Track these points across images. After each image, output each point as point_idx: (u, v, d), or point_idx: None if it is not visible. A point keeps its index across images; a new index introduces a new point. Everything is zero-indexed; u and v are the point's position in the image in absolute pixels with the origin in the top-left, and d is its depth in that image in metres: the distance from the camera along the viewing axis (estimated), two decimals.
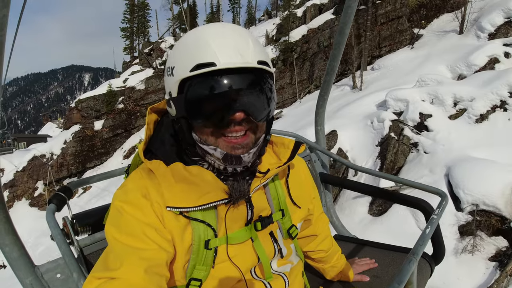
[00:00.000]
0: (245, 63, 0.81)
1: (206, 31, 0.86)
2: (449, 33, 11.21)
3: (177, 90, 0.85)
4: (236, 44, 0.82)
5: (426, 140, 5.01)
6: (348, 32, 1.65)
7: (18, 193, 17.04)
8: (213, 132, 0.86)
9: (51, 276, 1.11)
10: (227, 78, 0.80)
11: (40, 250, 11.23)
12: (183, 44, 0.88)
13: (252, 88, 0.84)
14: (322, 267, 1.42)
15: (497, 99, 5.24)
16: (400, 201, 1.76)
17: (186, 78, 0.82)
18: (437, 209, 1.25)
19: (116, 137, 18.28)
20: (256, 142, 0.91)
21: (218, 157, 0.87)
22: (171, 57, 0.91)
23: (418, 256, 0.96)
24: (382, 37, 12.22)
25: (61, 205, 1.18)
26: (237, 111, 0.82)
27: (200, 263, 0.90)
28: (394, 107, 5.78)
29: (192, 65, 0.80)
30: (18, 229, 1.01)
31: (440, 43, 10.42)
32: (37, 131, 42.09)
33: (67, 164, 17.39)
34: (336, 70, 1.86)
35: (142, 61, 21.12)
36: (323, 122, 2.17)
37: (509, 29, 9.75)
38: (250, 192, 0.92)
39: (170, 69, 0.88)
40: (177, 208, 0.86)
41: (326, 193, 2.15)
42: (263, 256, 0.98)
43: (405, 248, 1.65)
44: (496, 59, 7.71)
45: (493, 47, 8.03)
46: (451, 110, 5.39)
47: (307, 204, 1.16)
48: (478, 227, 3.68)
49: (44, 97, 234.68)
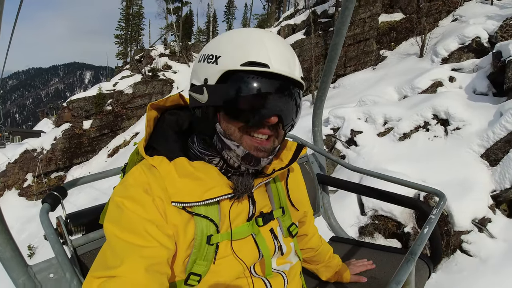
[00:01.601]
0: (292, 74, 0.84)
1: (261, 33, 0.87)
2: (411, 56, 11.59)
3: (217, 79, 0.84)
4: (287, 55, 0.85)
5: (352, 153, 5.56)
6: (345, 33, 1.61)
7: (8, 183, 17.42)
8: (241, 128, 0.85)
9: (44, 276, 1.05)
10: (275, 82, 0.82)
11: (24, 236, 11.86)
12: (236, 38, 0.87)
13: (291, 97, 0.86)
14: (316, 268, 1.39)
15: (421, 120, 5.79)
16: (397, 202, 1.70)
17: (233, 70, 0.82)
18: (435, 209, 1.20)
19: (102, 137, 18.63)
20: (275, 148, 0.92)
21: (239, 154, 0.86)
22: (216, 45, 0.89)
23: (416, 256, 0.94)
24: (348, 57, 12.61)
25: (55, 204, 1.13)
26: (273, 115, 0.84)
27: (201, 258, 0.87)
28: (334, 124, 6.32)
29: (245, 60, 0.81)
30: (7, 216, 0.97)
31: (399, 65, 10.87)
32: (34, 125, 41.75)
33: (55, 159, 17.74)
34: (333, 72, 1.81)
35: (132, 67, 21.53)
36: (321, 123, 2.13)
37: (462, 54, 10.10)
38: (253, 188, 0.92)
39: (213, 57, 0.85)
40: (181, 203, 0.84)
41: (324, 195, 2.08)
42: (265, 251, 0.95)
43: (403, 250, 1.63)
44: (440, 82, 7.98)
45: (440, 71, 8.31)
46: (381, 128, 5.94)
47: (304, 207, 1.16)
48: (376, 230, 4.23)
49: (44, 93, 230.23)
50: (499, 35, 9.88)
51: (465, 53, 10.12)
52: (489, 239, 4.22)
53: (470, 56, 9.97)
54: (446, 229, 4.06)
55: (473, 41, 10.12)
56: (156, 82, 19.34)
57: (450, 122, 5.63)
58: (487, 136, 5.17)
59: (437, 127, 5.68)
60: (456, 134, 5.48)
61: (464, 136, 5.39)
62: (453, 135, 5.49)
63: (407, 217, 4.18)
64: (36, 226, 11.55)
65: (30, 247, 10.95)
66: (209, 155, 0.91)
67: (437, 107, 5.76)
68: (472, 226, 4.25)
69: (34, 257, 10.62)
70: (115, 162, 15.49)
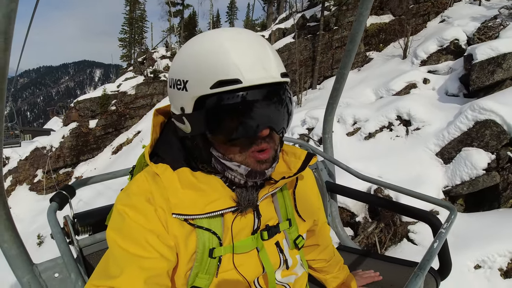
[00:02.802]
0: (270, 77, 0.75)
1: (222, 39, 0.76)
2: (395, 57, 11.66)
3: (193, 107, 0.77)
4: (258, 56, 0.75)
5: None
6: (360, 40, 1.53)
7: (20, 178, 18.38)
8: (236, 149, 0.80)
9: (49, 275, 1.03)
10: (252, 94, 0.73)
11: (34, 227, 12.68)
12: (197, 54, 0.77)
13: (276, 101, 0.77)
14: (324, 278, 1.33)
15: (386, 121, 6.21)
16: (408, 214, 1.62)
17: (206, 95, 0.74)
18: (446, 223, 1.16)
19: (107, 135, 19.35)
20: (276, 154, 0.86)
21: (242, 173, 0.81)
22: (180, 67, 0.80)
23: (425, 272, 0.89)
24: (335, 59, 12.84)
25: (63, 203, 1.11)
26: (264, 128, 0.77)
27: (203, 272, 0.84)
28: (309, 124, 6.74)
29: (213, 81, 0.72)
30: (19, 209, 1.07)
31: (382, 67, 11.04)
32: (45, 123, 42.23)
33: (63, 156, 18.51)
34: (346, 78, 1.74)
35: (135, 69, 22.05)
36: (331, 130, 2.05)
37: (441, 56, 10.18)
38: (258, 201, 0.87)
39: (181, 83, 0.78)
40: (183, 215, 0.80)
41: (332, 203, 2.00)
42: (268, 267, 0.92)
43: (411, 262, 1.57)
44: (414, 84, 8.11)
45: (415, 73, 8.43)
46: (350, 128, 6.35)
47: (312, 217, 1.10)
48: None
49: (54, 91, 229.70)
50: (476, 37, 9.93)
51: (444, 55, 10.20)
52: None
53: (449, 58, 10.02)
54: (394, 219, 4.51)
55: (451, 43, 10.22)
56: (157, 83, 19.92)
57: (412, 122, 6.04)
58: (443, 136, 5.56)
59: (400, 127, 6.11)
60: (415, 134, 5.90)
61: (422, 135, 5.80)
62: (413, 135, 5.91)
63: (359, 208, 4.65)
64: (45, 219, 11.92)
65: (39, 236, 11.77)
66: (208, 169, 0.87)
67: (400, 109, 6.17)
68: None
69: (42, 246, 11.47)
70: (118, 159, 16.09)
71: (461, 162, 5.19)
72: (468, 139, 5.31)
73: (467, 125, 5.39)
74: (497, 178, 4.96)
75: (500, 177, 4.99)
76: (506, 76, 6.63)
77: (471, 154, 5.11)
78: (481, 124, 5.24)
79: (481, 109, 5.33)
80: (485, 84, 6.71)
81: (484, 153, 5.09)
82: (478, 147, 5.18)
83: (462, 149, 5.31)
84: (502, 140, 5.07)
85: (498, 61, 6.66)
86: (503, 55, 6.67)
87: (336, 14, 13.41)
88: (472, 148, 5.20)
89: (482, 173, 4.95)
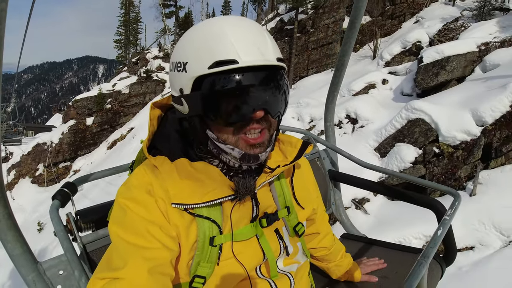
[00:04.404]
0: (266, 60, 0.74)
1: (222, 23, 0.76)
2: (366, 58, 12.05)
3: (191, 87, 0.76)
4: (255, 40, 0.75)
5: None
6: (359, 26, 1.47)
7: (22, 172, 19.39)
8: (231, 130, 0.78)
9: (54, 273, 1.00)
10: (249, 76, 0.73)
11: (36, 216, 13.75)
12: (197, 37, 0.77)
13: (272, 85, 0.76)
14: (327, 266, 1.31)
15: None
16: (412, 201, 1.58)
17: (203, 75, 0.73)
18: (450, 210, 1.13)
19: (103, 132, 20.24)
20: (271, 139, 0.84)
21: (236, 156, 0.80)
22: (180, 50, 0.80)
23: (429, 259, 0.87)
24: (311, 60, 13.35)
25: (65, 201, 1.09)
26: (258, 110, 0.75)
27: (205, 260, 0.82)
28: None
29: (211, 61, 0.72)
30: (22, 200, 1.06)
31: (352, 68, 11.18)
32: (49, 119, 42.42)
33: (63, 151, 19.43)
34: (346, 66, 1.69)
35: (130, 69, 22.69)
36: (333, 118, 2.00)
37: (404, 58, 10.50)
38: (256, 189, 0.86)
39: (181, 64, 0.77)
40: (182, 205, 0.79)
41: (335, 191, 1.96)
42: (269, 253, 0.90)
43: (415, 249, 1.55)
44: (373, 85, 8.43)
45: (376, 74, 8.74)
46: (307, 126, 7.01)
47: (311, 205, 1.08)
48: None
49: (58, 86, 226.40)
50: (436, 39, 10.33)
51: (407, 57, 10.54)
52: (363, 215, 5.29)
53: (412, 59, 10.26)
54: None
55: (413, 45, 10.56)
56: (150, 83, 20.69)
57: (358, 121, 6.68)
58: (381, 133, 6.21)
59: (348, 125, 6.76)
60: (360, 131, 6.55)
61: (365, 133, 6.45)
62: (358, 132, 6.56)
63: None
64: (46, 208, 12.93)
65: (40, 223, 12.72)
66: (209, 157, 0.86)
67: (349, 108, 6.82)
68: (351, 203, 5.35)
69: (42, 232, 12.33)
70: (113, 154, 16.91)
71: (393, 156, 5.83)
72: (400, 136, 5.96)
73: (401, 123, 6.03)
74: (422, 171, 5.61)
75: (426, 170, 5.64)
76: (450, 77, 7.21)
77: (401, 149, 5.77)
78: (412, 123, 5.89)
79: (413, 109, 5.95)
80: (430, 85, 7.32)
81: (412, 148, 5.75)
82: (409, 143, 5.83)
83: (395, 144, 5.93)
84: (429, 137, 5.71)
85: (442, 64, 7.25)
86: (447, 58, 7.25)
87: (313, 17, 13.86)
88: (403, 144, 5.85)
89: (409, 166, 5.60)
